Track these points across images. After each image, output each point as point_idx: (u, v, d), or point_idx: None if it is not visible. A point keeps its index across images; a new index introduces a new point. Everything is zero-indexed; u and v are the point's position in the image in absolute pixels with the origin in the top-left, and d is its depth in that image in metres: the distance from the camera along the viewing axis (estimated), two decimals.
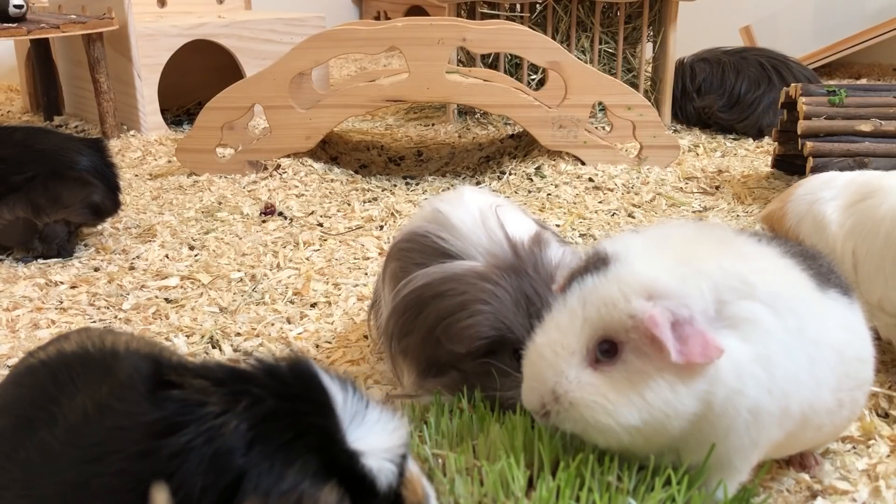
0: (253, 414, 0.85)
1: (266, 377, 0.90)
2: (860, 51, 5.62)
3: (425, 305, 1.46)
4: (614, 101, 3.35)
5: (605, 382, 1.12)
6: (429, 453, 1.24)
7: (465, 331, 1.39)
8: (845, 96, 2.91)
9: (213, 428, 0.84)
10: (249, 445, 0.83)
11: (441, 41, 3.22)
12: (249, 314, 2.15)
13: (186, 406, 0.86)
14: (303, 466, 0.83)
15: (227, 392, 0.87)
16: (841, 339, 1.25)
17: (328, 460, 0.85)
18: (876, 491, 1.38)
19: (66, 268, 2.50)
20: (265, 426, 0.85)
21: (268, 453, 0.83)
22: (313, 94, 3.75)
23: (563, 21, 4.30)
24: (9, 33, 3.65)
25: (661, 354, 1.09)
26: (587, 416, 1.12)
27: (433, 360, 1.48)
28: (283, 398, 0.87)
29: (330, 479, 0.84)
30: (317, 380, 0.90)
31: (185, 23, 4.25)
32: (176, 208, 3.04)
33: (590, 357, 1.14)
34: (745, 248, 1.24)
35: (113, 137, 4.03)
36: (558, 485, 1.10)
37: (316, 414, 0.88)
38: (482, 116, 4.46)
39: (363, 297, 2.24)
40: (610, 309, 1.12)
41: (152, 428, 0.85)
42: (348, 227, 2.81)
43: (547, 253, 1.48)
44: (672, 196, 3.09)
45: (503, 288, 1.42)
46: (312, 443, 0.85)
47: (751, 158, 3.65)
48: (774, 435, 1.18)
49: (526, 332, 1.37)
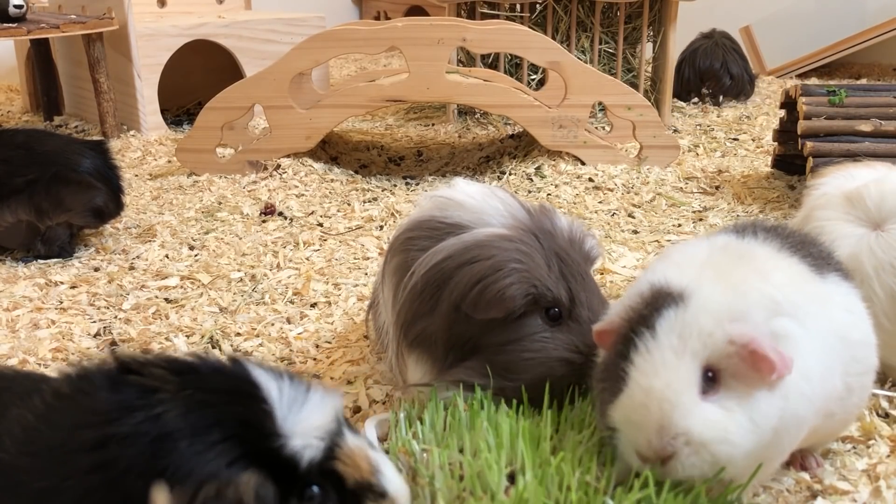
0: (188, 402, 0.90)
1: (207, 371, 0.96)
2: (860, 51, 5.62)
3: (449, 279, 1.40)
4: (614, 101, 3.35)
5: (722, 414, 1.12)
6: (416, 448, 1.25)
7: (503, 293, 1.36)
8: (845, 96, 2.91)
9: (160, 413, 0.89)
10: (181, 433, 0.88)
11: (441, 41, 3.22)
12: (249, 314, 2.15)
13: (142, 390, 0.91)
14: (222, 453, 0.88)
15: (177, 382, 0.93)
16: (846, 323, 1.29)
17: (251, 447, 0.90)
18: (876, 491, 1.38)
19: (66, 268, 2.50)
20: (195, 415, 0.89)
21: (193, 442, 0.87)
22: (313, 94, 3.75)
23: (563, 21, 4.29)
24: (9, 33, 3.65)
25: (758, 374, 1.12)
26: (717, 451, 1.11)
27: (456, 340, 1.43)
28: (214, 390, 0.93)
29: (252, 464, 0.88)
30: (247, 374, 0.96)
31: (185, 23, 4.25)
32: (176, 208, 3.04)
33: (700, 390, 1.13)
34: (759, 261, 1.26)
35: (113, 137, 4.03)
36: (537, 482, 1.11)
37: (241, 404, 0.93)
38: (482, 116, 4.46)
39: (363, 297, 2.24)
40: (712, 339, 1.13)
41: (110, 410, 0.89)
42: (348, 227, 2.81)
43: (560, 218, 1.51)
44: (672, 196, 3.09)
45: (533, 247, 1.41)
46: (235, 431, 0.90)
47: (751, 158, 3.65)
48: (805, 433, 1.23)
49: (563, 290, 1.40)
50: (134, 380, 0.93)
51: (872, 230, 1.69)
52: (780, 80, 5.67)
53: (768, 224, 1.43)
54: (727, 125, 4.29)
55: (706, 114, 4.58)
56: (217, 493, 0.85)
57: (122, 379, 0.94)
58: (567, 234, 1.48)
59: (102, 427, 0.88)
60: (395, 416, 1.36)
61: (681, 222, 2.83)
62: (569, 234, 1.48)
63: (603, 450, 1.24)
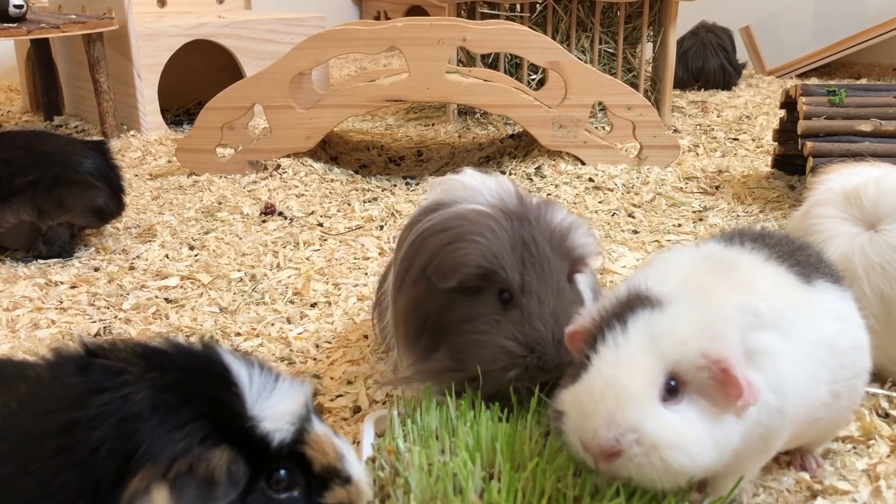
0: (156, 383, 0.91)
1: (176, 354, 0.97)
2: (860, 51, 5.62)
3: (422, 245, 1.45)
4: (614, 101, 3.35)
5: (681, 422, 1.07)
6: (402, 448, 1.25)
7: (455, 260, 1.38)
8: (845, 96, 2.91)
9: (127, 395, 0.89)
10: (150, 412, 0.88)
11: (441, 41, 3.22)
12: (249, 314, 2.15)
13: (107, 373, 0.92)
14: (193, 431, 0.89)
15: (144, 364, 0.93)
16: (833, 331, 1.27)
17: (221, 426, 0.91)
18: (876, 491, 1.38)
19: (66, 268, 2.50)
20: (165, 395, 0.90)
21: (164, 420, 0.88)
22: (313, 94, 3.75)
23: (563, 21, 4.29)
24: (9, 33, 3.65)
25: (726, 395, 1.08)
26: (669, 457, 1.05)
27: (426, 317, 1.44)
28: (185, 371, 0.94)
29: (222, 442, 0.90)
30: (217, 357, 0.98)
31: (185, 23, 4.25)
32: (176, 208, 3.04)
33: (661, 395, 1.09)
34: (743, 272, 1.23)
35: (113, 137, 4.03)
36: (511, 487, 1.10)
37: (212, 384, 0.94)
38: (482, 116, 4.46)
39: (363, 297, 2.24)
40: (683, 347, 1.09)
41: (76, 394, 0.90)
42: (348, 227, 2.81)
43: (553, 212, 1.48)
44: (672, 196, 3.09)
45: (502, 227, 1.41)
46: (206, 410, 0.91)
47: (751, 158, 3.65)
48: (783, 441, 1.21)
49: (518, 275, 1.37)
50: (100, 363, 0.93)
51: (867, 230, 1.67)
52: (780, 80, 5.67)
53: (755, 232, 1.41)
54: (727, 125, 4.29)
55: (706, 114, 4.58)
56: (190, 467, 0.86)
57: (89, 362, 0.94)
58: (550, 227, 1.44)
59: (68, 411, 0.88)
60: (391, 414, 1.36)
61: (681, 222, 2.83)
62: (553, 227, 1.45)
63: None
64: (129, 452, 0.86)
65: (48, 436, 0.88)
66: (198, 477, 0.87)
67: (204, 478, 0.87)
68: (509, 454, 1.18)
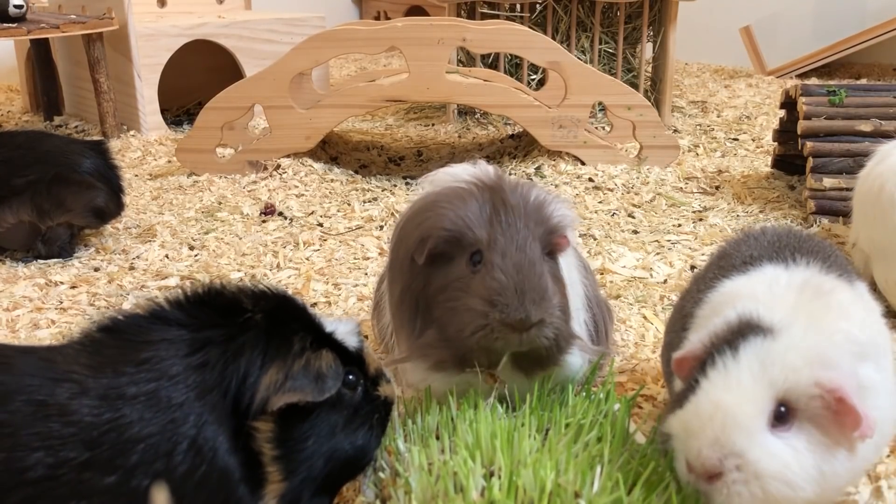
0: (266, 308, 1.16)
1: (267, 292, 1.21)
2: (860, 51, 5.62)
3: (402, 232, 1.52)
4: (614, 101, 3.35)
5: (788, 452, 1.07)
6: (402, 448, 1.26)
7: (423, 231, 1.41)
8: (845, 96, 2.91)
9: (250, 316, 1.14)
10: (270, 326, 1.14)
11: (441, 41, 3.22)
12: None
13: (229, 304, 1.16)
14: (303, 338, 1.15)
15: (250, 298, 1.18)
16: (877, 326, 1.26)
17: (316, 337, 1.17)
18: (876, 491, 1.38)
19: (66, 268, 2.50)
20: (274, 315, 1.16)
21: (280, 331, 1.14)
22: (313, 94, 3.76)
23: (563, 21, 4.30)
24: (9, 33, 3.65)
25: (841, 425, 1.07)
26: (770, 487, 1.05)
27: (413, 299, 1.46)
28: (281, 301, 1.21)
29: (323, 346, 1.16)
30: (291, 296, 1.24)
31: (185, 23, 4.25)
32: (176, 208, 3.04)
33: (769, 421, 1.08)
34: (837, 297, 1.21)
35: (113, 137, 4.03)
36: (512, 486, 1.10)
37: (300, 311, 1.21)
38: (482, 116, 4.46)
39: (363, 297, 2.24)
40: (795, 375, 1.09)
41: (212, 318, 1.13)
42: (348, 227, 2.81)
43: (532, 188, 1.49)
44: (672, 196, 3.09)
45: (472, 195, 1.44)
46: (305, 326, 1.18)
47: (751, 158, 3.65)
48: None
49: (485, 233, 1.39)
50: (217, 301, 1.16)
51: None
52: (780, 80, 5.67)
53: (792, 237, 1.39)
54: (727, 125, 4.29)
55: (706, 114, 4.58)
56: (306, 363, 1.12)
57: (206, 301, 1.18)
58: (526, 197, 1.44)
59: (219, 328, 1.12)
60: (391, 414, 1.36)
61: (681, 222, 2.83)
62: (530, 198, 1.45)
63: (587, 451, 1.23)
64: (264, 353, 1.10)
65: (214, 344, 1.10)
66: (311, 372, 1.11)
67: (316, 373, 1.12)
68: (509, 451, 1.18)
